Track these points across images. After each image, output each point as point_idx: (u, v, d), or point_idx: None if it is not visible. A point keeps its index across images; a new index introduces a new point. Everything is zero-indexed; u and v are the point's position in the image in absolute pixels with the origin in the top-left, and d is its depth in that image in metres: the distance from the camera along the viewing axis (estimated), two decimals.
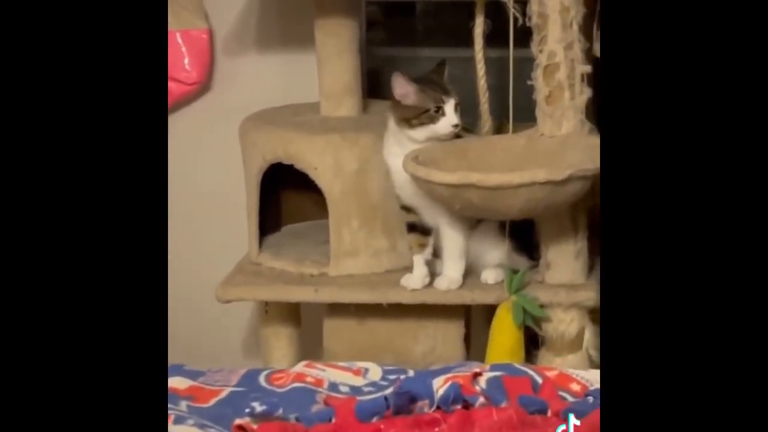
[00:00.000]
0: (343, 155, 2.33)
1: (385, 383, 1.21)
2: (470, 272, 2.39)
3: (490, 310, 2.31)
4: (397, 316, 2.39)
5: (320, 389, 1.18)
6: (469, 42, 2.32)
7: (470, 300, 2.34)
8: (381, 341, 2.42)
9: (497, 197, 2.09)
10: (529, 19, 2.19)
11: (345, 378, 1.21)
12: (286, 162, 2.36)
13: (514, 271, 2.27)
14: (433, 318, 2.39)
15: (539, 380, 1.16)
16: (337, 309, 2.42)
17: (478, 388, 1.13)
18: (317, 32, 2.41)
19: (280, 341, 2.51)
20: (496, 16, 2.26)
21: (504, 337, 2.28)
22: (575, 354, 2.32)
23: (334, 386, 1.19)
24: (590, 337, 2.32)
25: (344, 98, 2.43)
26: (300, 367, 1.22)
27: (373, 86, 2.71)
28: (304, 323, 2.57)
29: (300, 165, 2.35)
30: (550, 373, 1.17)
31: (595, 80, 2.25)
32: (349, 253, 2.37)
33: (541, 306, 2.28)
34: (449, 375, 1.16)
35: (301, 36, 2.52)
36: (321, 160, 2.33)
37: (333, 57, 2.41)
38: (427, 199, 2.22)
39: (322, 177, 2.34)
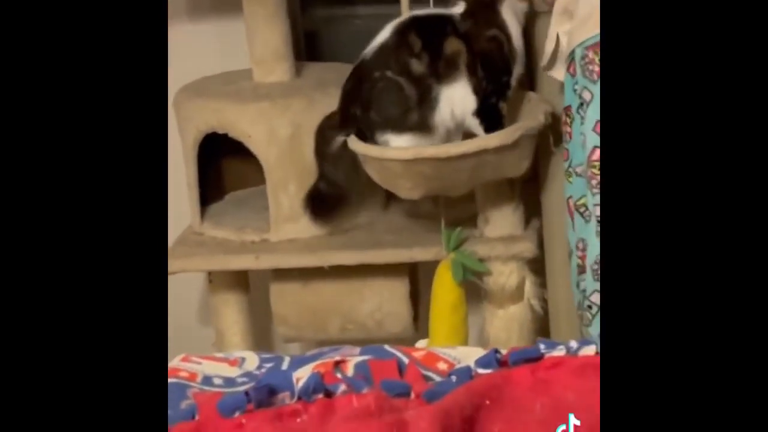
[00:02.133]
0: (275, 122, 2.33)
1: (258, 373, 1.23)
2: (409, 230, 2.41)
3: (436, 266, 2.32)
4: (341, 277, 2.40)
5: (193, 383, 1.20)
6: None
7: (409, 258, 2.35)
8: (328, 303, 2.44)
9: (449, 165, 2.09)
10: None
11: (219, 370, 1.23)
12: (221, 132, 2.37)
13: (451, 229, 2.28)
14: (378, 277, 2.41)
15: (406, 361, 1.17)
16: (282, 274, 2.43)
17: (339, 375, 1.14)
18: None
19: (229, 308, 2.53)
20: None
21: (445, 295, 2.30)
22: (517, 305, 2.35)
23: (207, 379, 1.20)
24: (531, 287, 2.34)
25: (275, 64, 2.42)
26: (176, 361, 1.24)
27: (312, 48, 2.70)
28: (253, 289, 2.59)
29: (234, 134, 2.36)
30: (417, 354, 1.18)
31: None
32: (289, 218, 2.38)
33: (481, 260, 2.29)
34: (316, 363, 1.17)
35: (233, 1, 2.51)
36: (254, 128, 2.34)
37: (261, 23, 2.40)
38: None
39: (256, 144, 2.35)
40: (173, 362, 1.23)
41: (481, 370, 1.10)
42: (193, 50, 2.67)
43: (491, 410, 1.03)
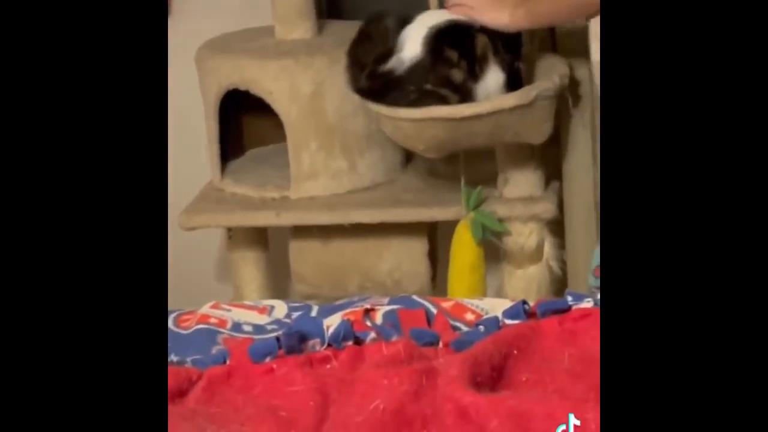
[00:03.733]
0: (297, 79, 2.33)
1: (288, 321, 1.24)
2: (429, 189, 2.41)
3: (455, 226, 2.33)
4: (360, 236, 2.41)
5: (223, 330, 1.21)
6: None
7: (429, 217, 2.36)
8: (346, 261, 2.45)
9: (464, 128, 2.10)
10: None
11: (249, 317, 1.24)
12: (242, 88, 2.37)
13: (471, 188, 2.28)
14: (397, 235, 2.42)
15: (434, 311, 1.18)
16: (302, 231, 2.44)
17: (369, 323, 1.15)
18: None
19: (248, 265, 2.54)
20: None
21: (464, 254, 2.30)
22: (536, 265, 2.35)
23: (237, 326, 1.22)
24: (550, 248, 2.34)
25: (298, 21, 2.42)
26: (206, 308, 1.25)
27: (333, 6, 2.70)
28: (272, 245, 2.59)
29: (255, 90, 2.36)
30: (446, 304, 1.19)
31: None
32: (309, 176, 2.39)
33: (500, 220, 2.30)
34: (346, 311, 1.18)
35: None
36: (275, 85, 2.34)
37: None
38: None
39: (277, 101, 2.35)
40: (203, 309, 1.24)
41: (508, 321, 1.11)
42: (215, 7, 2.67)
43: (519, 359, 1.04)
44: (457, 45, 2.10)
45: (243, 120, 2.59)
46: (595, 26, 2.08)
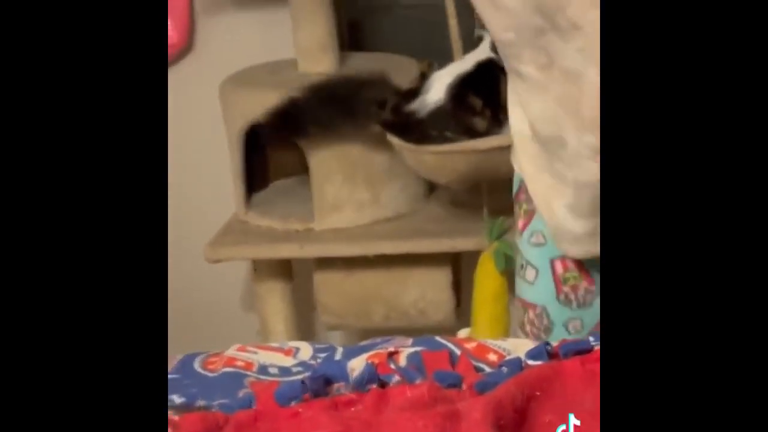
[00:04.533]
0: None
1: (313, 362, 1.25)
2: (452, 219, 2.42)
3: (479, 255, 2.34)
4: (384, 266, 2.43)
5: (250, 373, 1.22)
6: None
7: (452, 247, 2.37)
8: (371, 291, 2.47)
9: (487, 160, 2.12)
10: None
11: (275, 359, 1.26)
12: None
13: (494, 218, 2.29)
14: (420, 266, 2.43)
15: (457, 353, 1.19)
16: (326, 262, 2.46)
17: (393, 366, 1.16)
18: None
19: (273, 297, 2.56)
20: None
21: (488, 284, 2.31)
22: None
23: (263, 369, 1.23)
24: None
25: (320, 54, 2.45)
26: (232, 350, 1.26)
27: (354, 38, 2.72)
28: (297, 277, 2.61)
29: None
30: (468, 345, 1.20)
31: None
32: (333, 208, 2.41)
33: None
34: (370, 353, 1.19)
35: None
36: None
37: (306, 13, 2.42)
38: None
39: None
40: (229, 351, 1.25)
41: (531, 362, 1.12)
42: (238, 40, 2.70)
43: (542, 401, 1.05)
44: (483, 92, 2.11)
45: (267, 152, 2.61)
46: None
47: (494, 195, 2.34)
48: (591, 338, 1.15)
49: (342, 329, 2.65)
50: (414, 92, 2.18)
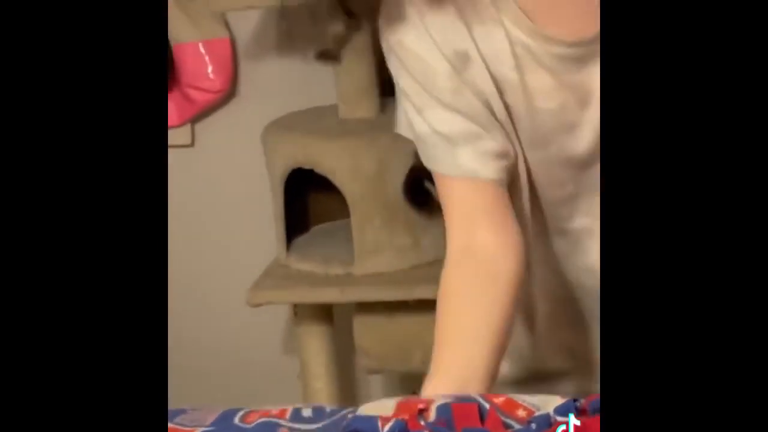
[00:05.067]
0: (361, 157, 2.37)
1: (345, 410, 1.26)
2: None
3: None
4: (424, 311, 2.43)
5: (282, 420, 1.23)
6: None
7: None
8: (410, 336, 2.47)
9: None
10: None
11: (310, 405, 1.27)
12: (306, 167, 2.42)
13: None
14: None
15: (486, 406, 1.19)
16: (366, 306, 2.47)
17: (422, 422, 1.17)
18: None
19: (314, 340, 2.57)
20: None
21: None
22: None
23: (297, 412, 1.24)
24: None
25: (361, 100, 2.47)
26: (269, 406, 1.27)
27: (391, 84, 2.73)
28: (338, 320, 2.63)
29: (319, 169, 2.40)
30: (497, 400, 1.21)
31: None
32: (373, 252, 2.42)
33: None
34: (400, 400, 1.20)
35: (320, 38, 2.56)
36: (339, 163, 2.38)
37: (348, 60, 2.45)
38: None
39: (341, 179, 2.39)
40: (267, 406, 1.26)
41: (560, 418, 1.12)
42: (282, 85, 2.73)
43: None
44: None
45: (308, 196, 2.63)
46: None
47: None
48: None
49: (381, 373, 2.65)
50: None
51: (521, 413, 1.17)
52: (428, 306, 2.41)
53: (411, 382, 1.81)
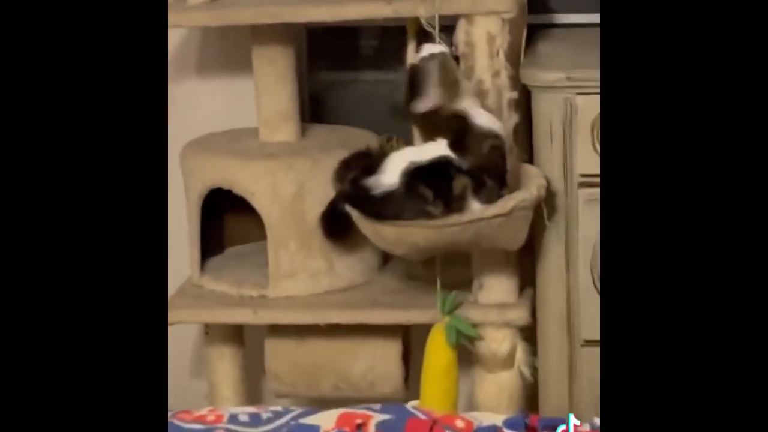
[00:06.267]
0: (279, 180, 2.38)
1: (284, 411, 1.26)
2: (405, 292, 2.45)
3: (430, 328, 2.37)
4: (336, 336, 2.45)
5: (219, 426, 1.24)
6: None
7: (406, 319, 2.40)
8: (321, 360, 2.48)
9: (444, 237, 2.16)
10: (456, 48, 2.25)
11: (246, 409, 1.27)
12: (225, 187, 2.42)
13: (447, 292, 2.33)
14: (372, 337, 2.45)
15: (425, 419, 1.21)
16: (278, 330, 2.48)
17: None
18: (255, 59, 2.46)
19: (224, 362, 2.57)
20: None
21: (438, 357, 2.33)
22: (508, 371, 2.39)
23: (233, 417, 1.24)
24: (522, 354, 2.38)
25: (282, 124, 2.48)
26: (205, 410, 1.27)
27: (316, 110, 2.76)
28: (249, 343, 2.62)
29: (238, 190, 2.41)
30: (436, 414, 1.23)
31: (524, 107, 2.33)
32: (288, 275, 2.43)
33: (474, 325, 2.34)
34: (342, 412, 1.21)
35: (241, 61, 2.57)
36: (258, 185, 2.39)
37: (270, 84, 2.46)
38: None
39: (259, 201, 2.40)
40: (202, 411, 1.26)
41: (507, 431, 1.14)
42: (200, 106, 2.73)
43: None
44: (434, 185, 2.15)
45: (224, 217, 2.63)
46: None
47: (448, 269, 2.37)
48: (572, 417, 1.18)
49: (290, 397, 2.65)
50: (373, 167, 2.21)
51: (460, 424, 1.19)
52: (340, 331, 2.44)
53: (320, 407, 1.83)
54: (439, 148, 2.18)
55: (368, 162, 2.22)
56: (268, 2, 2.34)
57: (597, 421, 1.18)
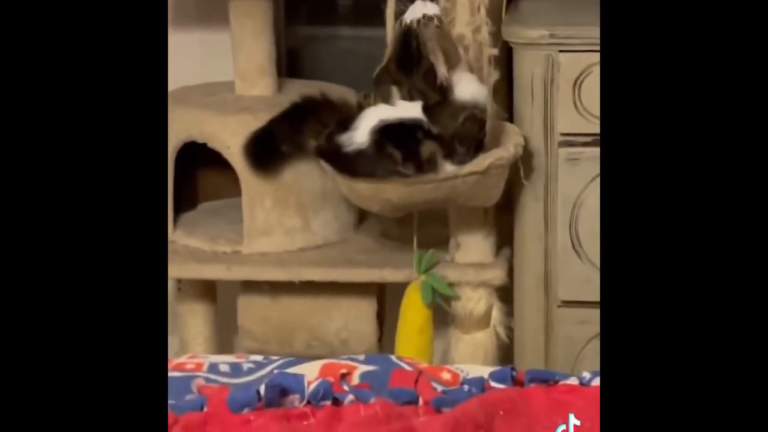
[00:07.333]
0: None
1: (266, 362, 1.24)
2: (381, 250, 2.43)
3: (405, 288, 2.35)
4: (310, 294, 2.42)
5: (199, 373, 1.21)
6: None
7: (380, 278, 2.38)
8: (295, 318, 2.46)
9: (418, 194, 2.14)
10: (438, 1, 2.22)
11: (226, 358, 1.25)
12: (200, 141, 2.38)
13: (423, 251, 2.31)
14: (346, 295, 2.43)
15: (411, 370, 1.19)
16: (251, 286, 2.45)
17: (346, 387, 1.16)
18: (232, 13, 2.42)
19: (196, 318, 2.54)
20: None
21: (413, 316, 2.32)
22: (483, 331, 2.37)
23: (213, 366, 1.22)
24: (498, 314, 2.37)
25: (259, 78, 2.45)
26: (184, 358, 1.25)
27: (293, 65, 2.72)
28: (221, 300, 2.59)
29: (213, 144, 2.37)
30: (421, 365, 1.21)
31: (506, 63, 2.30)
32: (263, 232, 2.40)
33: (450, 285, 2.32)
34: (324, 363, 1.19)
35: (218, 13, 2.53)
36: (234, 140, 2.35)
37: (247, 37, 2.42)
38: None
39: (235, 156, 2.36)
40: (181, 359, 1.24)
41: (494, 383, 1.13)
42: (176, 59, 2.67)
43: (506, 420, 1.05)
44: (402, 146, 2.13)
45: (197, 172, 2.59)
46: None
47: (424, 227, 2.35)
48: (556, 374, 1.16)
49: (262, 354, 2.62)
50: (348, 122, 2.18)
51: (446, 376, 1.17)
52: (314, 289, 2.41)
53: None
54: (412, 110, 2.15)
55: (343, 116, 2.19)
56: None
57: (586, 374, 1.17)
